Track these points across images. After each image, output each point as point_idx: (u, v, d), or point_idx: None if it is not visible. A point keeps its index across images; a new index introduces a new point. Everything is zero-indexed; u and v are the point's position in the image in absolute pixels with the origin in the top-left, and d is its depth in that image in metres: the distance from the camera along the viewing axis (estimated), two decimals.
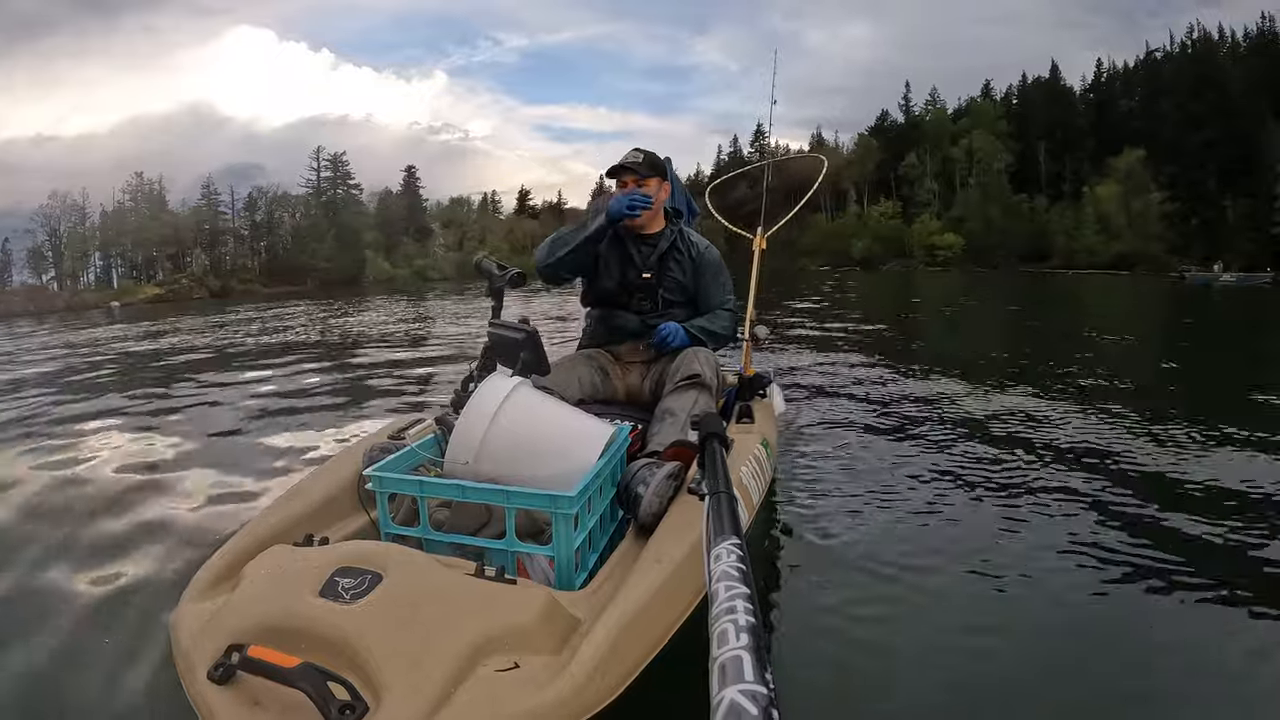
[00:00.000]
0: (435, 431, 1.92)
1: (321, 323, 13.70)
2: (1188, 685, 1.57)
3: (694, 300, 2.47)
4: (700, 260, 2.46)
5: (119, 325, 16.46)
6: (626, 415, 2.17)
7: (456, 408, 1.96)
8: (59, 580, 2.10)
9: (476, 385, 1.74)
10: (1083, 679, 1.57)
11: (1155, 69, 52.24)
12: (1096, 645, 1.71)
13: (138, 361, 8.30)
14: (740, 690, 0.57)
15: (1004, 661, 1.66)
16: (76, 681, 1.59)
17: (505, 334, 2.00)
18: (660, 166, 2.44)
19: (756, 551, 2.15)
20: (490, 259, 2.36)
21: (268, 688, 1.00)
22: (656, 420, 2.07)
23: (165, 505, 2.71)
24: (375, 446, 1.85)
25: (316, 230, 56.01)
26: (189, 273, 51.46)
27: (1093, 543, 2.27)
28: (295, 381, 5.95)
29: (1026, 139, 56.40)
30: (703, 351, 2.27)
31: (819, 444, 3.47)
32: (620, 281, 2.42)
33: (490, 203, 74.67)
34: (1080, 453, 3.25)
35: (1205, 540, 2.28)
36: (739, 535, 0.94)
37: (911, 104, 65.38)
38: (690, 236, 2.51)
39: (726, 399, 2.59)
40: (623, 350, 2.45)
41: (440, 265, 58.33)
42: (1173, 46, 52.04)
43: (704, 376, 2.15)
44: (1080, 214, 49.27)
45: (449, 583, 1.21)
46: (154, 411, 4.65)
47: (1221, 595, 1.93)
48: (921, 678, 1.60)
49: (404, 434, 1.99)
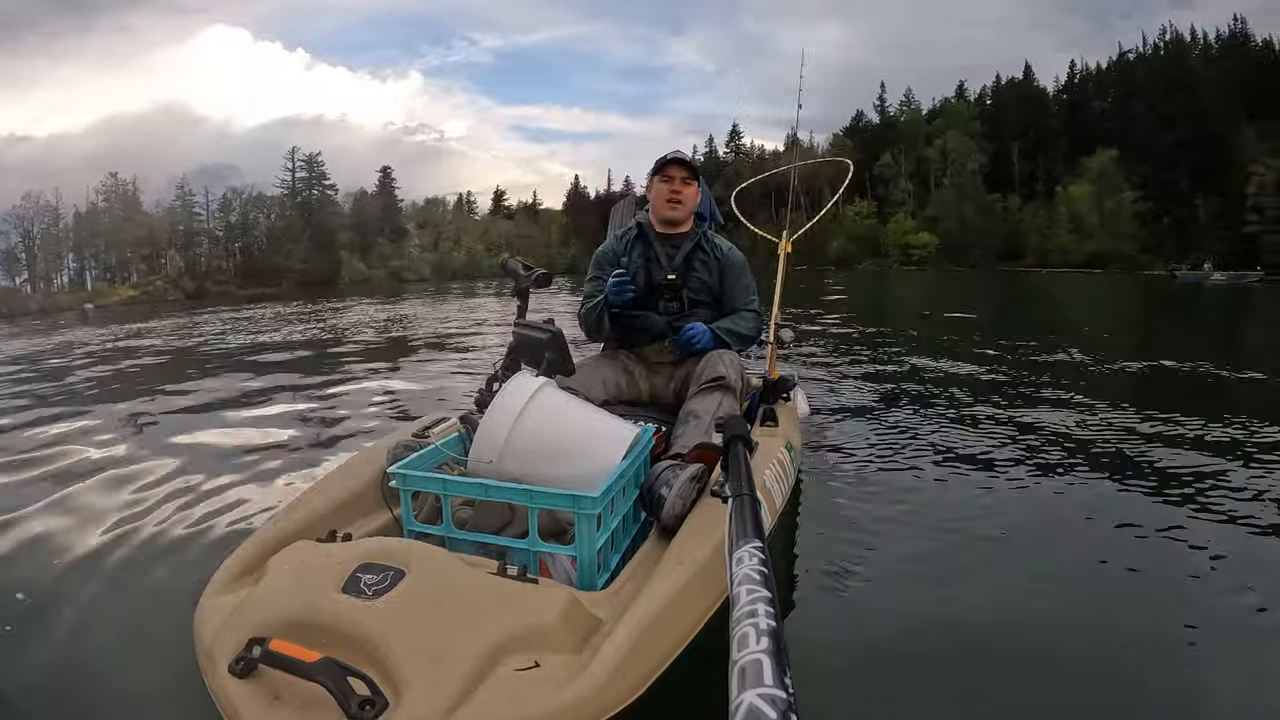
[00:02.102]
0: (459, 430, 1.93)
1: (304, 324, 13.57)
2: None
3: (719, 301, 2.47)
4: (725, 261, 2.47)
5: (95, 328, 16.26)
6: (650, 417, 2.17)
7: (481, 407, 1.97)
8: (80, 573, 2.12)
9: (501, 385, 1.74)
10: (1122, 694, 1.53)
11: (1128, 70, 53.16)
12: (1146, 660, 1.67)
13: (128, 363, 8.23)
14: (759, 694, 0.56)
15: (1034, 676, 1.62)
16: (97, 676, 1.61)
17: (530, 334, 2.00)
18: (697, 171, 2.46)
19: (779, 555, 2.13)
20: (516, 259, 2.37)
21: (288, 682, 1.01)
22: (680, 422, 2.07)
23: (182, 502, 2.73)
24: (400, 444, 1.86)
25: (291, 231, 56.13)
26: (163, 274, 51.17)
27: (1145, 556, 2.22)
28: (303, 385, 5.97)
29: (1000, 139, 57.54)
30: (727, 354, 2.26)
31: (843, 447, 3.43)
32: (646, 283, 2.42)
33: (465, 203, 75.32)
34: (1129, 460, 3.17)
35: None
36: (761, 538, 0.93)
37: (886, 104, 66.54)
38: (714, 239, 2.51)
39: (751, 402, 2.58)
40: (648, 352, 2.45)
41: (416, 266, 58.59)
42: (1145, 48, 53.22)
43: (728, 379, 2.15)
44: (1053, 213, 50.42)
45: (471, 581, 1.21)
46: (156, 414, 4.64)
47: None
48: (945, 688, 1.57)
49: (428, 432, 2.01)
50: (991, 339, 8.13)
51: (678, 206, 2.41)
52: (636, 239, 2.47)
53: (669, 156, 2.45)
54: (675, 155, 2.45)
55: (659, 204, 2.43)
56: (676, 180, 2.40)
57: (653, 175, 2.47)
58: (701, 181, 2.48)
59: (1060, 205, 49.84)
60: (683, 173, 2.41)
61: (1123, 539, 2.32)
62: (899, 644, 1.73)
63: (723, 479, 1.36)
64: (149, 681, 1.57)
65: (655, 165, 2.47)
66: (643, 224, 2.48)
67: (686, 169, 2.42)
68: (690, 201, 2.43)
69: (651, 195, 2.47)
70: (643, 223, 2.48)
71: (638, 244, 2.46)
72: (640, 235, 2.47)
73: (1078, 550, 2.27)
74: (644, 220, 2.48)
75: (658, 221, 2.46)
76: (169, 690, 1.49)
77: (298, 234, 55.30)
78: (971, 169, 56.50)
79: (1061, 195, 50.12)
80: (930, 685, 1.58)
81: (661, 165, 2.44)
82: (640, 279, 2.42)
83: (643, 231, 2.47)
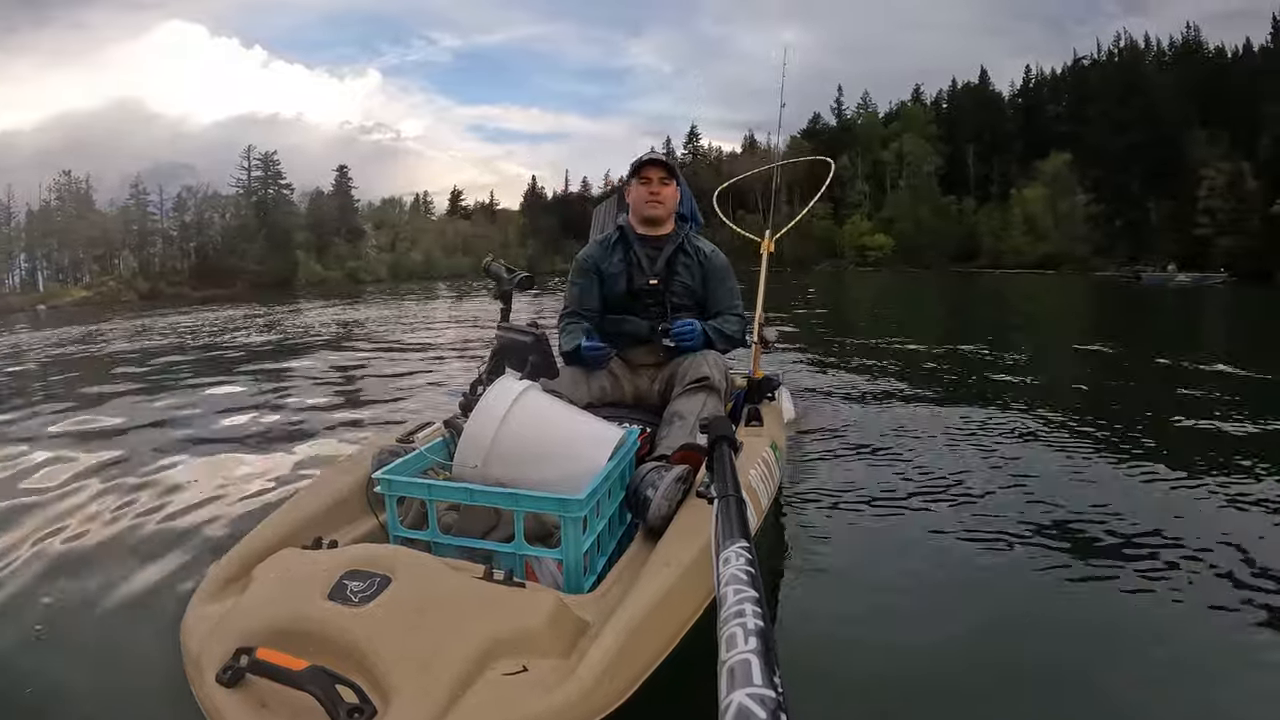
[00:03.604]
0: (444, 434, 1.92)
1: (267, 327, 13.37)
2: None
3: (702, 304, 2.47)
4: (708, 265, 2.46)
5: (52, 328, 15.86)
6: (635, 418, 2.17)
7: (465, 411, 1.96)
8: (68, 585, 2.10)
9: (485, 388, 1.74)
10: (1095, 684, 1.55)
11: (1082, 75, 54.44)
12: (1107, 652, 1.69)
13: (93, 367, 8.02)
14: (749, 694, 0.57)
15: (1013, 668, 1.64)
16: (84, 685, 1.59)
17: (514, 337, 2.01)
18: (676, 172, 2.47)
19: (765, 554, 2.14)
20: (499, 262, 2.37)
21: (276, 690, 1.00)
22: (665, 423, 2.07)
23: (168, 511, 2.70)
24: (384, 450, 1.85)
25: (246, 231, 54.31)
26: (117, 275, 49.40)
27: (1123, 551, 2.24)
28: (273, 388, 5.89)
29: (956, 142, 58.76)
30: (711, 354, 2.27)
31: (828, 446, 3.45)
32: (627, 288, 2.43)
33: (422, 203, 74.23)
34: (1133, 461, 3.19)
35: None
36: (748, 538, 0.93)
37: (844, 107, 67.41)
38: (697, 241, 2.51)
39: (735, 402, 2.58)
40: (632, 353, 2.45)
41: (373, 267, 57.73)
42: (1100, 54, 54.44)
43: (713, 379, 2.15)
44: (1008, 215, 51.63)
45: (457, 586, 1.21)
46: (130, 422, 4.52)
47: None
48: (929, 682, 1.59)
49: (413, 437, 2.00)
50: (983, 340, 8.21)
51: (658, 205, 2.41)
52: (617, 243, 2.47)
53: (645, 158, 2.45)
54: (651, 156, 2.46)
55: (639, 205, 2.43)
56: (655, 181, 2.41)
57: (630, 178, 2.47)
58: (682, 181, 2.49)
59: (1014, 207, 51.14)
60: (660, 173, 2.41)
61: (1127, 539, 2.33)
62: (887, 641, 1.75)
63: (708, 480, 1.36)
64: (136, 693, 1.55)
65: (632, 168, 2.46)
66: (624, 227, 2.47)
67: (664, 169, 2.43)
68: (670, 201, 2.43)
69: (631, 198, 2.46)
70: (624, 226, 2.48)
71: (619, 248, 2.46)
72: (621, 238, 2.46)
73: (1076, 548, 2.27)
74: (625, 224, 2.48)
75: (639, 223, 2.46)
76: (156, 701, 1.48)
77: (253, 234, 53.91)
78: (927, 171, 57.87)
79: (1016, 198, 51.34)
80: (919, 683, 1.59)
81: (638, 167, 2.44)
82: (621, 283, 2.42)
83: (624, 235, 2.46)
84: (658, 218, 2.44)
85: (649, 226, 2.46)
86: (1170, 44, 51.61)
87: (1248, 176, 37.04)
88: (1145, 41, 52.22)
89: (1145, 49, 51.91)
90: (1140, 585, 2.01)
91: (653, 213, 2.42)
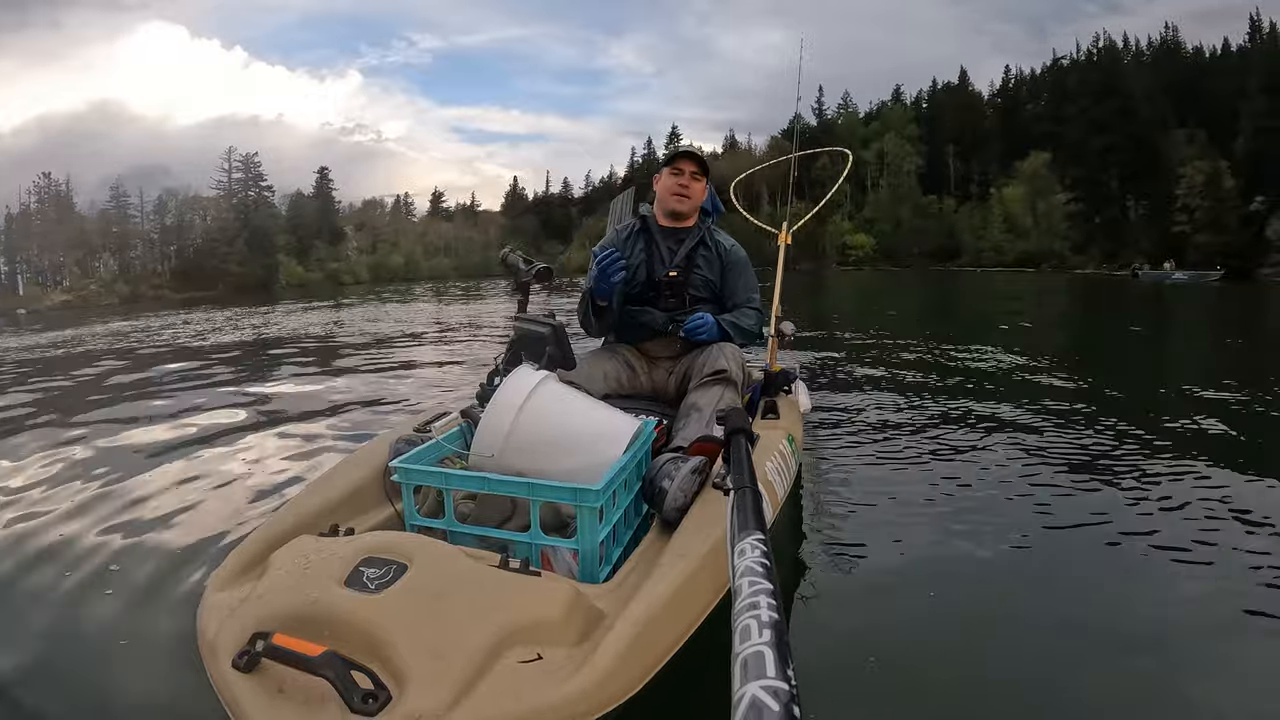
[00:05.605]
0: (461, 424, 1.93)
1: (266, 326, 13.47)
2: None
3: (720, 297, 2.46)
4: (727, 258, 2.46)
5: (38, 333, 15.40)
6: (652, 410, 2.17)
7: (482, 401, 1.97)
8: (84, 572, 2.13)
9: (502, 379, 1.74)
10: (1111, 676, 1.54)
11: (1061, 75, 54.57)
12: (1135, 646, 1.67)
13: (93, 367, 7.88)
14: (762, 686, 0.56)
15: (1035, 662, 1.63)
16: (101, 672, 1.61)
17: (531, 328, 2.00)
18: (708, 168, 2.46)
19: (780, 547, 2.13)
20: (517, 253, 2.36)
21: (291, 676, 1.01)
22: (682, 415, 2.07)
23: (183, 501, 2.73)
24: (401, 439, 1.86)
25: (227, 233, 53.78)
26: (98, 278, 49.46)
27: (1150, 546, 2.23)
28: (284, 386, 5.95)
29: (936, 142, 59.60)
30: (729, 347, 2.26)
31: (845, 439, 3.44)
32: (647, 279, 2.42)
33: (404, 205, 74.62)
34: (1143, 461, 3.14)
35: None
36: (763, 531, 0.92)
37: (824, 108, 67.84)
38: (717, 235, 2.51)
39: (752, 395, 2.57)
40: (649, 345, 2.45)
41: (354, 269, 58.03)
42: (1079, 54, 54.14)
43: (730, 372, 2.15)
44: (988, 214, 52.73)
45: (473, 574, 1.21)
46: (143, 417, 4.57)
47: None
48: (946, 677, 1.58)
49: (430, 426, 2.00)
50: (982, 340, 8.13)
51: (685, 199, 2.40)
52: (638, 232, 2.46)
53: (681, 149, 2.45)
54: (689, 149, 2.46)
55: (665, 195, 2.42)
56: (686, 174, 2.40)
57: (663, 166, 2.47)
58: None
59: (994, 206, 52.05)
60: (693, 167, 2.41)
61: (1136, 538, 2.30)
62: (902, 635, 1.74)
63: (724, 471, 1.35)
64: (152, 677, 1.57)
65: (666, 156, 2.47)
66: (646, 218, 2.47)
67: (698, 164, 2.42)
68: (697, 197, 2.43)
69: (659, 187, 2.46)
70: (646, 216, 2.47)
71: (639, 238, 2.45)
72: (643, 229, 2.46)
73: (1089, 546, 2.26)
74: (648, 213, 2.48)
75: (662, 214, 2.46)
76: (172, 685, 1.50)
77: (234, 236, 53.55)
78: (908, 171, 58.67)
79: (996, 197, 52.17)
80: (933, 677, 1.58)
81: (673, 157, 2.44)
82: (642, 274, 2.41)
83: (645, 225, 2.46)
84: (682, 211, 2.43)
85: (672, 219, 2.45)
86: (1149, 44, 52.10)
87: (1225, 175, 37.13)
88: (1124, 41, 52.61)
89: (1124, 49, 52.11)
90: (1150, 584, 2.01)
91: (678, 206, 2.41)
